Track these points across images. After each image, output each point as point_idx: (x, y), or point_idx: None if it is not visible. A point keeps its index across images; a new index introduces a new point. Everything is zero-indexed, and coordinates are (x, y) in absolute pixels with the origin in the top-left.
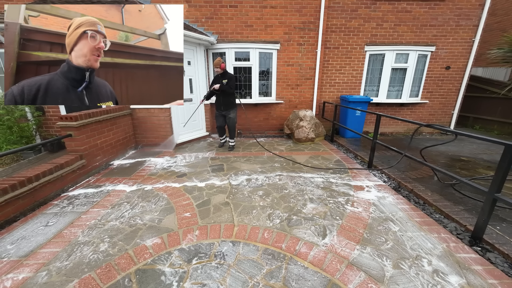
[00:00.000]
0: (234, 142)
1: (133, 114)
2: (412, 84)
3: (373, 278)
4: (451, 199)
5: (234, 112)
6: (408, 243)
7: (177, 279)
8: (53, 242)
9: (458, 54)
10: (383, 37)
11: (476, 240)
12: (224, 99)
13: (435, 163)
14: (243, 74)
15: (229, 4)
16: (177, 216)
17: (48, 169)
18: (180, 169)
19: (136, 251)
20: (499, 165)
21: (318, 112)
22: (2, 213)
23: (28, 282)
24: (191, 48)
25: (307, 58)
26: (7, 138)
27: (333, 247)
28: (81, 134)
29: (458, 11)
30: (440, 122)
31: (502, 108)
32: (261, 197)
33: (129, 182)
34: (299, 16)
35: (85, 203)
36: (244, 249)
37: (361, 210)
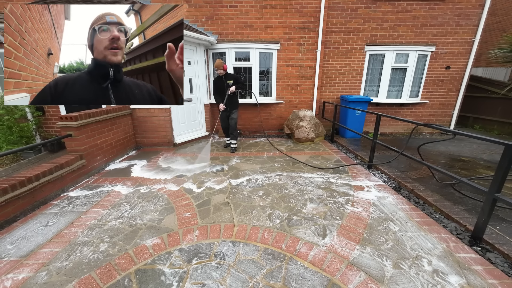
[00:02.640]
0: (236, 144)
1: (133, 114)
2: (412, 84)
3: (373, 278)
4: (451, 199)
5: (236, 112)
6: (408, 243)
7: (177, 279)
8: (53, 242)
9: (458, 54)
10: (383, 37)
11: (476, 240)
12: (231, 100)
13: (435, 163)
14: (243, 74)
15: (229, 4)
16: (177, 216)
17: (48, 169)
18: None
19: (136, 251)
20: (499, 165)
21: (318, 112)
22: (2, 213)
23: (28, 282)
24: (191, 48)
25: (307, 58)
26: (7, 138)
27: (333, 247)
28: (81, 134)
29: (458, 11)
30: (440, 122)
31: (502, 108)
32: (261, 197)
33: (127, 182)
34: (299, 16)
35: (85, 203)
36: (244, 249)
37: (361, 210)
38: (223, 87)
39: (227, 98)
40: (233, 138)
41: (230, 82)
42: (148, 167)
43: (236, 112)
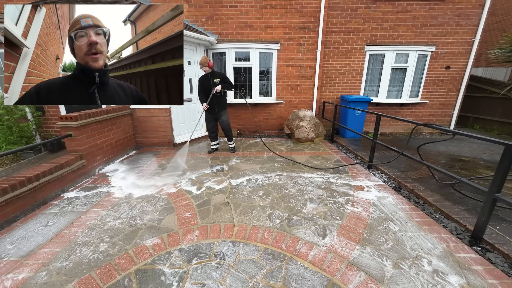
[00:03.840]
0: (233, 144)
1: (133, 114)
2: (412, 84)
3: (373, 278)
4: (451, 199)
5: (225, 113)
6: (408, 243)
7: (177, 279)
8: (53, 242)
9: (458, 54)
10: (383, 37)
11: (476, 240)
12: (218, 100)
13: (435, 163)
14: (243, 74)
15: (229, 4)
16: (177, 216)
17: (48, 169)
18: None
19: (136, 251)
20: (499, 165)
21: (318, 112)
22: (2, 213)
23: (28, 282)
24: (191, 48)
25: (307, 58)
26: (7, 138)
27: (333, 247)
28: (81, 134)
29: (458, 11)
30: (440, 122)
31: (502, 108)
32: (261, 197)
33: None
34: (299, 16)
35: (85, 203)
36: (244, 249)
37: (361, 210)
38: (209, 86)
39: (211, 97)
40: (229, 139)
41: (216, 80)
42: (147, 168)
43: (225, 114)
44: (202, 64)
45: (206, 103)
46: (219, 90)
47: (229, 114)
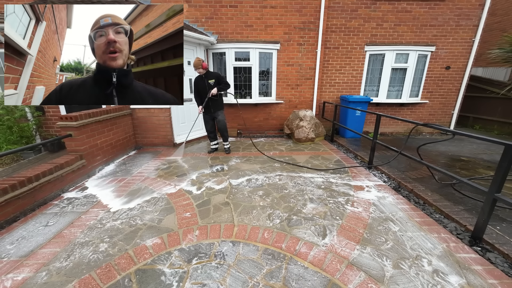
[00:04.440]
0: (228, 144)
1: (133, 114)
2: (412, 84)
3: (373, 278)
4: (451, 199)
5: (222, 113)
6: (408, 243)
7: (177, 279)
8: (53, 242)
9: (458, 54)
10: (383, 37)
11: (476, 240)
12: (214, 101)
13: (435, 163)
14: (243, 74)
15: (229, 4)
16: (177, 216)
17: (48, 169)
18: (180, 168)
19: (136, 251)
20: (499, 165)
21: (318, 112)
22: (2, 213)
23: (28, 282)
24: (191, 48)
25: (307, 58)
26: (7, 138)
27: (333, 247)
28: (81, 134)
29: (458, 11)
30: (440, 122)
31: (502, 108)
32: (261, 197)
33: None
34: (299, 16)
35: (85, 203)
36: (244, 249)
37: (361, 210)
38: (205, 87)
39: (206, 101)
40: (224, 139)
41: (212, 81)
42: (147, 168)
43: (222, 114)
44: (196, 66)
45: (202, 105)
46: (215, 93)
47: (229, 114)
